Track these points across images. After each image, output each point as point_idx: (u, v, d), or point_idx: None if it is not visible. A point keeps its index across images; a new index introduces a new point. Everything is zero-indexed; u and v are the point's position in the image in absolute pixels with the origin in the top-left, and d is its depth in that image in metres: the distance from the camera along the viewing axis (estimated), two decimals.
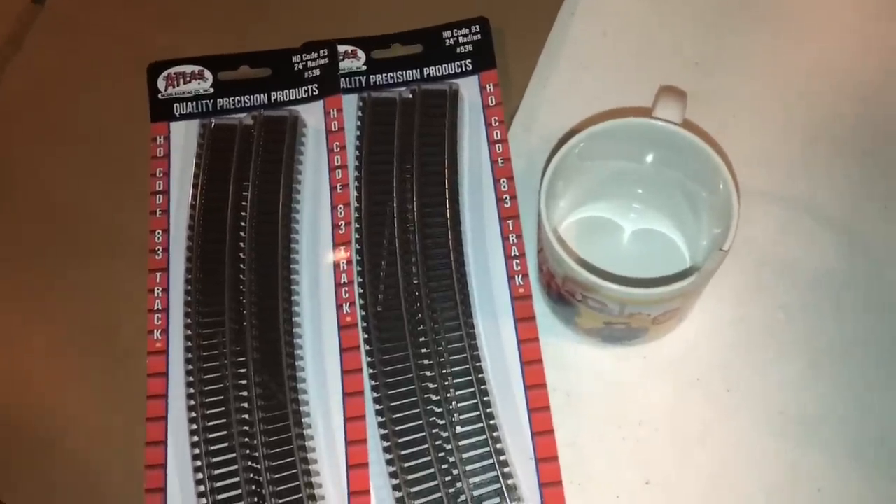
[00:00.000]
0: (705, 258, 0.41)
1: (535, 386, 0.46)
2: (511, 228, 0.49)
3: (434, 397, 0.45)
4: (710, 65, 0.54)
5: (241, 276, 0.49)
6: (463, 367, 0.46)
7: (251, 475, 0.44)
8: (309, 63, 0.54)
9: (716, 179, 0.41)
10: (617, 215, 0.49)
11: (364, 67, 0.54)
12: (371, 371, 0.47)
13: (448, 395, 0.46)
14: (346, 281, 0.49)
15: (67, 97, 0.57)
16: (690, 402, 0.46)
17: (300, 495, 0.44)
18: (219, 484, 0.44)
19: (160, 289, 0.49)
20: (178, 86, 0.54)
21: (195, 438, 0.45)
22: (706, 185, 0.43)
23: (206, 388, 0.46)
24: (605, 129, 0.41)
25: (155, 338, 0.48)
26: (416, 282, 0.48)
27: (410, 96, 0.53)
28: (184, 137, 0.53)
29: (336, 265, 0.49)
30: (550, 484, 0.44)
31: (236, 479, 0.44)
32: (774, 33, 0.55)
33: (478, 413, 0.45)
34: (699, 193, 0.44)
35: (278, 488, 0.44)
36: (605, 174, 0.46)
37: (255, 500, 0.44)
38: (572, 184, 0.45)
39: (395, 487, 0.44)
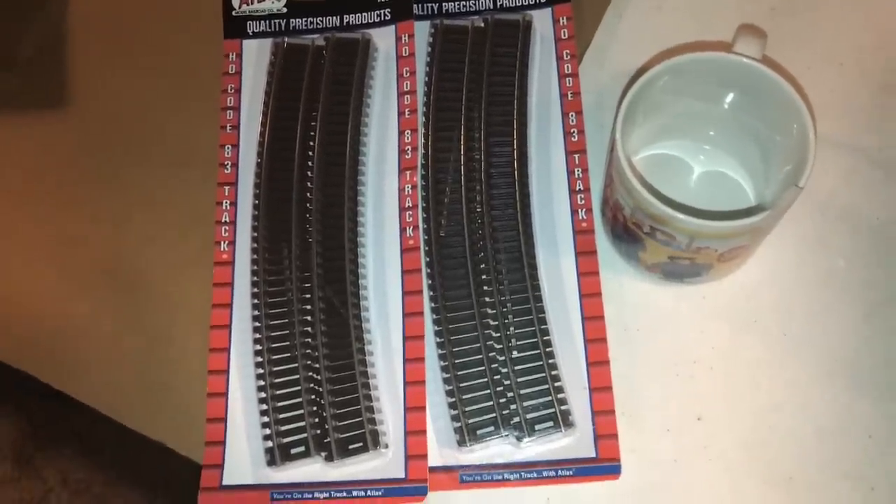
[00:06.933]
0: (776, 197, 0.41)
1: (592, 318, 0.46)
2: (577, 163, 0.50)
3: (492, 322, 0.46)
4: (787, 10, 0.53)
5: (308, 193, 0.49)
6: (522, 294, 0.47)
7: (311, 385, 0.46)
8: None
9: (791, 119, 0.41)
10: (687, 155, 0.49)
11: None
12: (431, 293, 0.47)
13: (506, 321, 0.46)
14: (410, 205, 0.49)
15: (142, 10, 0.57)
16: (746, 343, 0.46)
17: (359, 406, 0.45)
18: (279, 392, 0.46)
19: (228, 202, 0.50)
20: (251, 3, 0.55)
21: (258, 347, 0.47)
22: (781, 129, 0.43)
23: (271, 300, 0.47)
24: (688, 62, 0.41)
25: (222, 249, 0.49)
26: (479, 210, 0.49)
27: (482, 25, 0.53)
28: (256, 55, 0.54)
29: (401, 189, 0.50)
30: (603, 413, 0.44)
31: (297, 388, 0.46)
32: None
33: (535, 340, 0.46)
34: (773, 138, 0.44)
35: (337, 399, 0.45)
36: (680, 112, 0.46)
37: (314, 409, 0.45)
38: (649, 117, 0.45)
39: (451, 405, 0.45)
